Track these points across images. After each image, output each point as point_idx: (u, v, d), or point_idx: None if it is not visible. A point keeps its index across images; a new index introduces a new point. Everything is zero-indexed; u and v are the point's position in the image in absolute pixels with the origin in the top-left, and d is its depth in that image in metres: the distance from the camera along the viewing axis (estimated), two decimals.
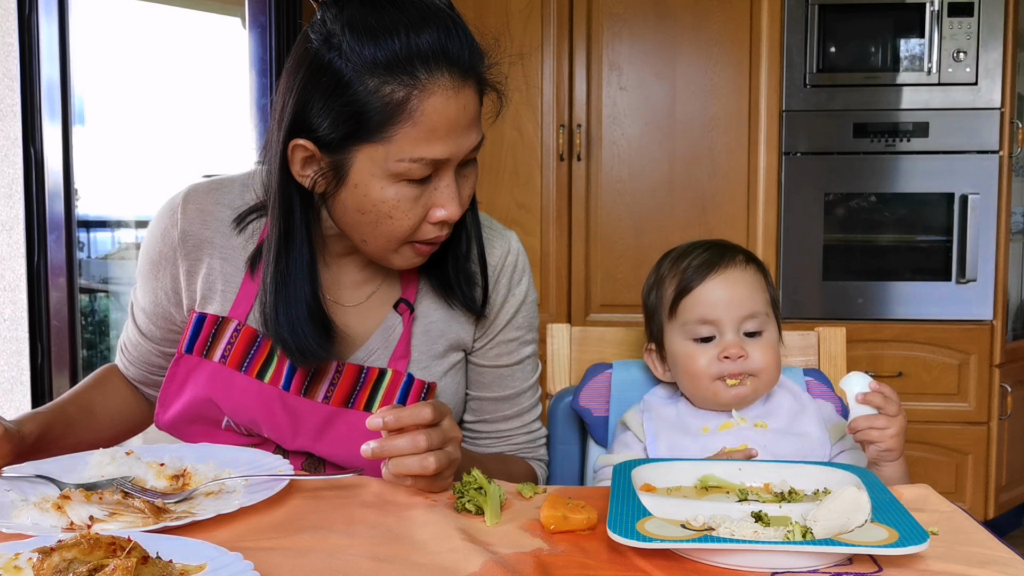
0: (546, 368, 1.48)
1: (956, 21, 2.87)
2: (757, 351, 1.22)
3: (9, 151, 2.34)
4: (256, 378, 1.20)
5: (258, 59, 2.83)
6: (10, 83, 2.33)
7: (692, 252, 1.27)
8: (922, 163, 2.92)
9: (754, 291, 1.24)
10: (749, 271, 1.25)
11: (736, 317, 1.22)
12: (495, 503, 0.98)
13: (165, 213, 1.27)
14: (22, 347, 2.37)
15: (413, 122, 1.03)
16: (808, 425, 1.24)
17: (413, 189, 1.07)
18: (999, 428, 2.95)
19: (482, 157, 1.19)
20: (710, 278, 1.23)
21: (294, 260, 1.14)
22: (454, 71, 1.04)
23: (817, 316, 2.97)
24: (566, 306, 3.05)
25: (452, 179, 1.09)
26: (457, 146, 1.07)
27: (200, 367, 1.23)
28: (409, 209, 1.08)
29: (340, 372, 1.21)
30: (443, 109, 1.04)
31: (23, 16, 2.32)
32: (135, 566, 0.74)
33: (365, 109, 1.03)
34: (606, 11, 2.98)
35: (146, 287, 1.30)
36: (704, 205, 3.01)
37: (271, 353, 1.21)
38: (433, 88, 1.03)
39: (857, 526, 0.87)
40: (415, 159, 1.05)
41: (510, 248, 1.29)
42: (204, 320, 1.23)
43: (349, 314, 1.24)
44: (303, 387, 1.21)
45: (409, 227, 1.10)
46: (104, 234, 3.09)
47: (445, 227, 1.12)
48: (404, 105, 1.03)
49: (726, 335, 1.22)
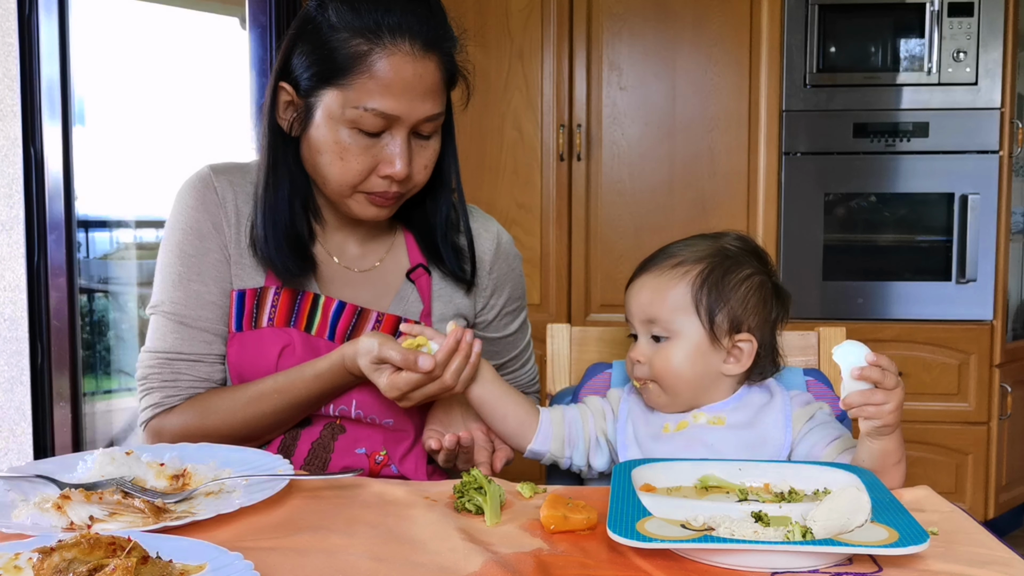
0: (546, 368, 1.49)
1: (956, 21, 2.87)
2: (656, 356, 1.21)
3: (9, 151, 2.34)
4: (304, 331, 1.29)
5: (258, 59, 2.83)
6: (10, 83, 2.33)
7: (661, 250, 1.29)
8: (922, 163, 2.92)
9: (657, 295, 1.21)
10: (664, 277, 1.22)
11: (639, 320, 1.24)
12: (495, 503, 0.98)
13: (197, 186, 1.32)
14: (22, 347, 2.37)
15: (371, 74, 1.18)
16: (769, 421, 1.21)
17: (365, 139, 1.21)
18: (999, 428, 2.95)
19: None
20: (634, 279, 1.27)
21: (280, 189, 1.28)
22: (416, 41, 1.19)
23: (817, 316, 2.97)
24: (566, 306, 3.05)
25: (403, 140, 1.21)
26: (409, 107, 1.19)
27: (251, 337, 1.29)
28: (359, 155, 1.21)
29: (380, 321, 1.32)
30: (399, 69, 1.18)
31: (23, 16, 2.32)
32: (135, 566, 0.74)
33: (334, 56, 1.19)
34: (606, 11, 2.98)
35: (198, 264, 1.29)
36: (704, 205, 3.01)
37: (313, 307, 1.30)
38: (393, 50, 1.18)
39: (857, 526, 0.87)
40: (368, 108, 1.18)
41: (499, 231, 1.45)
42: (244, 295, 1.30)
43: (361, 282, 1.36)
44: (346, 335, 1.31)
45: (357, 171, 1.22)
46: (103, 234, 3.09)
47: (394, 185, 1.23)
48: (366, 58, 1.18)
49: (639, 338, 1.24)
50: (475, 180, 2.99)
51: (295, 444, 1.29)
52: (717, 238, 1.28)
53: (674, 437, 1.21)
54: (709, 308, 1.20)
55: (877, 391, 1.05)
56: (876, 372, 1.05)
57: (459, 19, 1.31)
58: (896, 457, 1.10)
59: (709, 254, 1.23)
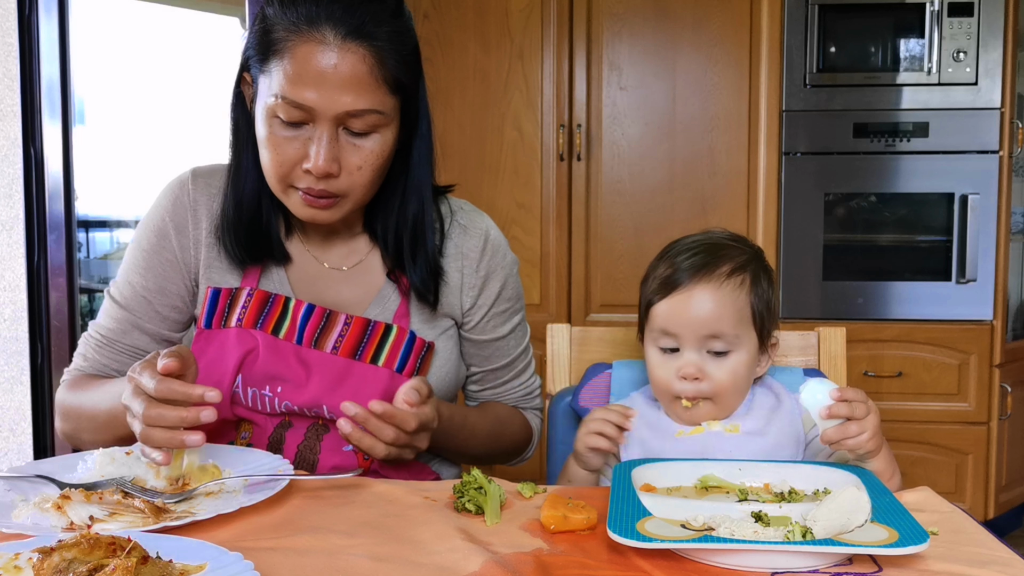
0: (546, 368, 1.49)
1: (956, 21, 2.87)
2: (718, 372, 1.15)
3: (9, 151, 2.34)
4: (271, 334, 1.28)
5: None
6: (10, 83, 2.33)
7: (675, 258, 1.21)
8: (922, 163, 2.92)
9: (724, 309, 1.15)
10: (726, 287, 1.16)
11: (697, 336, 1.16)
12: (495, 503, 0.98)
13: (174, 187, 1.36)
14: (22, 347, 2.37)
15: (287, 62, 1.15)
16: (782, 426, 1.20)
17: (286, 130, 1.17)
18: (999, 428, 2.95)
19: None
20: (678, 291, 1.17)
21: (246, 183, 1.28)
22: (339, 29, 1.14)
23: (817, 316, 2.97)
24: (566, 306, 3.05)
25: (324, 134, 1.16)
26: (325, 99, 1.14)
27: (218, 336, 1.29)
28: (280, 147, 1.17)
29: (348, 324, 1.29)
30: (312, 57, 1.14)
31: (23, 16, 2.32)
32: (135, 566, 0.74)
33: (263, 39, 1.17)
34: (606, 11, 2.98)
35: (147, 260, 1.33)
36: (704, 205, 3.01)
37: (284, 310, 1.29)
38: (310, 38, 1.14)
39: (857, 526, 0.87)
40: (282, 96, 1.15)
41: (488, 227, 1.39)
42: (219, 294, 1.30)
43: (342, 281, 1.34)
44: (314, 339, 1.29)
45: (279, 163, 1.18)
46: (103, 234, 3.09)
47: (320, 182, 1.18)
48: (285, 43, 1.15)
49: (686, 352, 1.16)
50: (475, 180, 2.99)
51: (280, 448, 1.28)
52: (726, 236, 1.26)
53: (685, 441, 1.19)
54: (761, 315, 1.18)
55: (850, 424, 1.05)
56: (843, 408, 1.05)
57: (459, 19, 1.28)
58: (887, 475, 1.10)
59: (747, 257, 1.20)
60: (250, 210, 1.29)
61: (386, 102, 1.18)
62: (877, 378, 2.94)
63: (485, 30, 2.98)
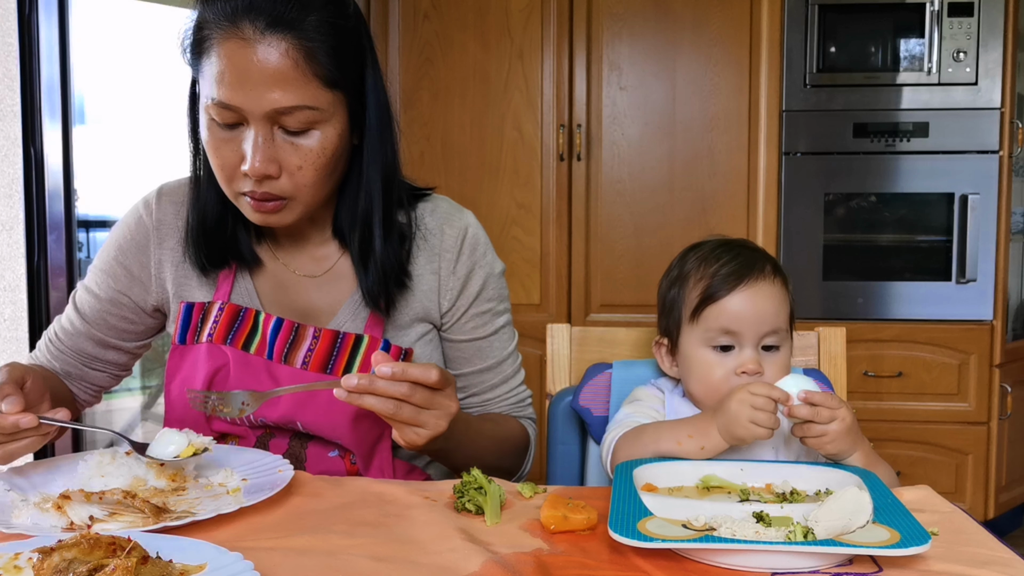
0: (546, 368, 1.48)
1: (956, 21, 2.87)
2: (772, 367, 1.19)
3: (9, 151, 2.34)
4: (242, 350, 1.26)
5: None
6: (10, 83, 2.33)
7: (721, 257, 1.23)
8: (922, 163, 2.92)
9: (779, 306, 1.20)
10: (776, 284, 1.21)
11: (758, 332, 1.18)
12: (495, 503, 0.98)
13: (139, 206, 1.36)
14: (22, 347, 2.37)
15: (214, 60, 1.11)
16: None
17: (222, 132, 1.14)
18: (999, 428, 2.95)
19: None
20: (739, 290, 1.19)
21: (203, 179, 1.25)
22: (257, 23, 1.09)
23: (817, 316, 2.97)
24: (566, 306, 3.05)
25: (256, 134, 1.12)
26: (250, 98, 1.09)
27: (191, 352, 1.28)
28: (220, 151, 1.14)
29: (317, 338, 1.26)
30: (232, 54, 1.09)
31: (23, 16, 2.32)
32: (135, 566, 0.74)
33: (195, 38, 1.14)
34: (606, 11, 2.98)
35: (106, 269, 1.34)
36: (704, 205, 3.01)
37: (254, 325, 1.27)
38: (230, 35, 1.10)
39: (858, 527, 0.87)
40: (211, 98, 1.11)
41: (468, 224, 1.33)
42: (192, 308, 1.29)
43: (313, 288, 1.31)
44: (283, 354, 1.26)
45: (220, 167, 1.16)
46: (103, 234, 3.08)
47: (262, 184, 1.14)
48: (210, 41, 1.12)
49: (745, 349, 1.19)
50: (475, 180, 2.99)
51: None
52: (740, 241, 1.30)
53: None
54: (793, 312, 1.24)
55: (813, 425, 1.09)
56: (804, 410, 1.08)
57: (459, 19, 1.27)
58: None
59: (774, 265, 1.25)
60: (213, 217, 1.26)
61: (320, 97, 1.12)
62: (877, 378, 2.94)
63: (485, 30, 2.98)
